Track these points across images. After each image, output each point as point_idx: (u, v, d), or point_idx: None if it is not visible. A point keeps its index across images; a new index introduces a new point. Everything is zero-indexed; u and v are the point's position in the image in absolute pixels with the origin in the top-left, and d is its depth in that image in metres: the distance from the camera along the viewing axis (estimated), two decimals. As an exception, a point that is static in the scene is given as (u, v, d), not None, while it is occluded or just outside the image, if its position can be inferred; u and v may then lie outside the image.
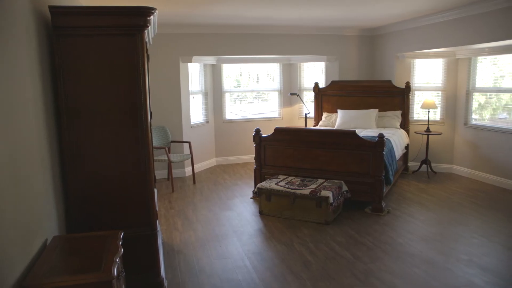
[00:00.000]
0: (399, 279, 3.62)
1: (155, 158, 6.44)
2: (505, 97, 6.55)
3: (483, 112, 6.98)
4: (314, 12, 6.10)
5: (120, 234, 2.51)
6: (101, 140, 2.94)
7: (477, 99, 6.98)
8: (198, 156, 7.66)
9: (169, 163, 6.49)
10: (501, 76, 6.59)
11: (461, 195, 6.05)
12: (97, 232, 2.64)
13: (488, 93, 6.81)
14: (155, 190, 3.94)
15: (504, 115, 6.65)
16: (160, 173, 7.14)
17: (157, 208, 3.57)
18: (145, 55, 2.99)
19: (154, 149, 6.18)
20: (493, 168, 6.62)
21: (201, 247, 4.35)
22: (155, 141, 6.72)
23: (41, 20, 2.69)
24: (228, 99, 8.43)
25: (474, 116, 7.05)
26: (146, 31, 2.94)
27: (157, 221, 3.39)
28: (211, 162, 8.25)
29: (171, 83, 7.13)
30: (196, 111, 7.84)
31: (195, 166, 7.24)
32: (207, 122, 8.10)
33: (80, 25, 2.79)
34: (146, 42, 3.07)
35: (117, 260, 2.18)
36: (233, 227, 4.94)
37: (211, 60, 7.90)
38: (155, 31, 4.11)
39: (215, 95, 8.22)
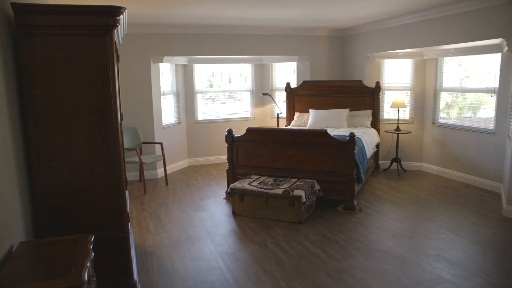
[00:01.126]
0: (371, 276, 3.68)
1: (127, 159, 6.35)
2: (470, 96, 6.75)
3: (450, 111, 7.18)
4: (286, 13, 6.14)
5: (91, 237, 2.46)
6: (69, 142, 2.87)
7: (444, 98, 7.17)
8: (170, 157, 7.59)
9: (141, 164, 6.41)
10: (466, 77, 6.79)
11: (429, 192, 6.20)
12: (67, 236, 2.57)
13: (454, 93, 7.01)
14: (127, 192, 3.88)
15: (470, 114, 6.86)
16: (132, 174, 7.04)
17: (128, 210, 3.51)
18: (115, 55, 2.94)
19: (125, 150, 6.12)
20: (459, 165, 6.82)
21: (174, 249, 4.32)
22: (126, 142, 6.62)
23: (4, 18, 2.60)
24: (200, 100, 8.39)
25: (441, 115, 7.23)
26: (115, 31, 2.89)
27: (129, 224, 3.34)
28: (184, 163, 8.19)
29: (142, 84, 7.04)
30: (167, 111, 7.76)
31: (167, 167, 7.17)
32: (179, 122, 8.04)
33: (46, 24, 2.71)
34: (115, 42, 3.02)
35: (88, 264, 2.14)
36: (206, 228, 4.92)
37: (182, 60, 7.84)
38: (125, 31, 4.05)
39: (187, 95, 8.16)
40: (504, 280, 3.57)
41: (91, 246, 2.36)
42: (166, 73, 7.70)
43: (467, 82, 6.77)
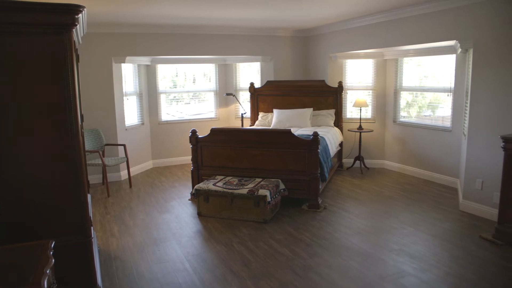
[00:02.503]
0: (336, 272, 3.75)
1: (89, 162, 6.20)
2: (429, 95, 6.99)
3: (411, 109, 7.40)
4: (249, 13, 6.16)
5: (51, 243, 2.39)
6: (27, 144, 2.78)
7: (405, 97, 7.38)
8: (134, 159, 7.47)
9: (104, 167, 6.28)
10: (425, 76, 7.02)
11: (391, 189, 6.36)
12: (25, 243, 2.48)
13: (414, 92, 7.23)
14: (89, 195, 3.80)
15: (429, 112, 7.09)
16: (94, 177, 6.89)
17: (91, 214, 3.44)
18: (74, 55, 2.87)
19: (87, 153, 5.98)
20: (419, 162, 7.04)
21: (139, 252, 4.26)
22: (88, 144, 6.47)
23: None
24: (163, 100, 8.30)
25: (402, 113, 7.45)
26: (74, 30, 2.82)
27: (92, 228, 3.26)
28: (148, 164, 8.08)
29: (103, 85, 6.89)
30: (130, 112, 7.64)
31: (131, 169, 7.06)
32: (143, 124, 7.92)
33: (1, 22, 2.60)
34: (74, 42, 2.95)
35: (48, 271, 2.08)
36: (172, 230, 4.88)
37: (145, 60, 7.73)
38: (85, 30, 3.96)
39: (150, 96, 8.06)
40: (460, 271, 3.72)
41: (51, 252, 2.29)
42: (128, 74, 7.57)
43: (426, 81, 7.00)
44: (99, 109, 6.88)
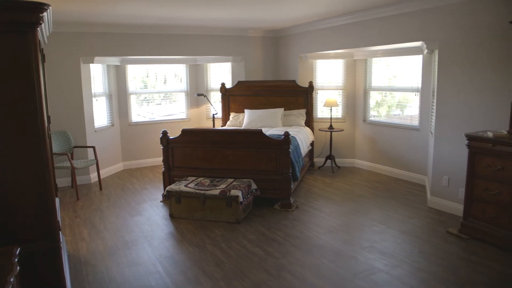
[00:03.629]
0: (308, 271, 3.78)
1: (57, 165, 6.07)
2: (398, 95, 7.14)
3: (380, 109, 7.54)
4: (219, 13, 6.14)
5: (16, 250, 2.32)
6: (-10, 148, 2.69)
7: (375, 97, 7.51)
8: (104, 161, 7.34)
9: (73, 169, 6.14)
10: (393, 76, 7.17)
11: (362, 187, 6.47)
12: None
13: (383, 92, 7.37)
14: (57, 199, 3.71)
15: (398, 111, 7.24)
16: (63, 180, 6.73)
17: (59, 218, 3.36)
18: (39, 55, 2.80)
19: (54, 155, 5.84)
20: (388, 161, 7.18)
21: (110, 256, 4.18)
22: (56, 147, 6.32)
23: None
24: (134, 101, 8.18)
25: (372, 113, 7.58)
26: (39, 29, 2.75)
27: (60, 233, 3.18)
28: (118, 166, 7.96)
29: (71, 85, 6.74)
30: (100, 114, 7.50)
31: (101, 171, 6.94)
32: (112, 125, 7.79)
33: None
34: (40, 41, 2.87)
35: (12, 280, 2.00)
36: (144, 232, 4.82)
37: (114, 61, 7.61)
38: (51, 29, 3.86)
39: (120, 97, 7.93)
40: (428, 265, 3.82)
41: (16, 259, 2.22)
42: (97, 74, 7.43)
43: (394, 81, 7.14)
44: (67, 110, 6.73)
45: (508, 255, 4.01)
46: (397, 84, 7.10)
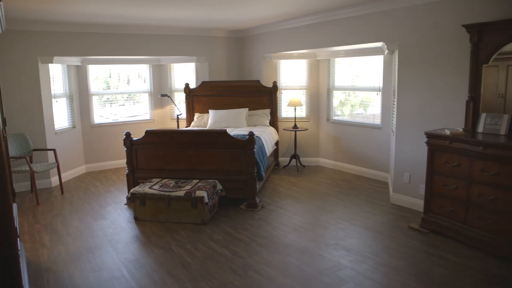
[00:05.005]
0: (275, 270, 3.81)
1: (15, 169, 5.87)
2: (360, 94, 7.29)
3: (344, 108, 7.67)
4: (183, 13, 6.10)
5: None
6: None
7: (338, 96, 7.64)
8: (66, 164, 7.15)
9: (32, 173, 5.95)
10: (356, 76, 7.31)
11: (326, 185, 6.56)
12: None
13: (346, 91, 7.50)
14: (15, 205, 3.58)
15: (361, 110, 7.39)
16: (22, 185, 6.52)
17: (17, 225, 3.25)
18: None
19: (11, 159, 5.64)
20: (352, 159, 7.32)
21: (73, 262, 4.08)
22: (13, 150, 6.11)
23: None
24: (96, 102, 8.00)
25: (336, 112, 7.70)
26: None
27: (18, 240, 3.08)
28: (81, 169, 7.76)
29: (29, 86, 6.52)
30: (60, 115, 7.29)
31: (62, 175, 6.75)
32: (74, 127, 7.60)
33: None
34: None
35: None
36: (108, 236, 4.72)
37: (75, 61, 7.41)
38: (3, 27, 3.72)
39: (81, 98, 7.74)
40: (391, 260, 3.92)
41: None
42: (57, 74, 7.22)
43: (357, 81, 7.29)
44: (25, 112, 6.51)
45: (464, 247, 4.17)
46: (360, 84, 7.25)
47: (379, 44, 6.06)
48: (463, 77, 4.59)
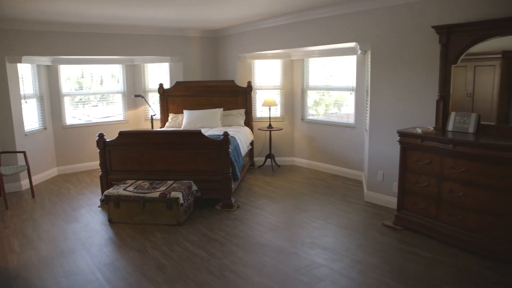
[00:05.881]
0: (251, 269, 3.81)
1: (-18, 172, 5.69)
2: (335, 94, 7.37)
3: (318, 108, 7.74)
4: (157, 13, 6.04)
5: None
6: None
7: (313, 96, 7.70)
8: (36, 167, 6.99)
9: (0, 176, 5.78)
10: (330, 76, 7.39)
11: (302, 185, 6.61)
12: None
13: (321, 91, 7.57)
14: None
15: (335, 110, 7.47)
16: (-11, 189, 6.33)
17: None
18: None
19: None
20: (327, 158, 7.39)
21: (45, 267, 3.98)
22: (-19, 153, 5.93)
23: None
24: (68, 103, 7.84)
25: (311, 111, 7.76)
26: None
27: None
28: (52, 172, 7.59)
29: (-4, 87, 6.35)
30: (30, 117, 7.11)
31: (33, 178, 6.60)
32: (45, 128, 7.42)
33: None
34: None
35: None
36: (81, 239, 4.63)
37: (45, 60, 7.24)
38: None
39: (52, 99, 7.57)
40: (366, 257, 3.98)
41: None
42: (26, 74, 7.04)
43: (331, 81, 7.36)
44: (-7, 114, 6.34)
45: (436, 243, 4.27)
46: (334, 83, 7.32)
47: (352, 45, 6.14)
48: (434, 77, 4.70)
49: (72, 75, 8.03)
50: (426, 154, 4.37)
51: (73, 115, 8.02)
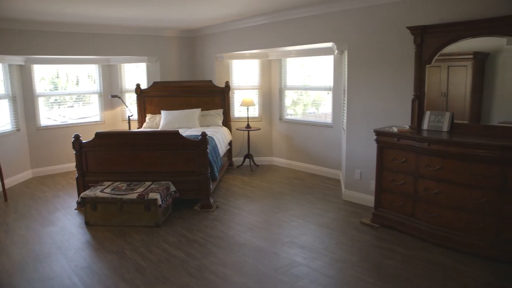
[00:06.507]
0: (231, 270, 3.81)
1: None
2: (312, 94, 7.42)
3: (296, 107, 7.78)
4: (133, 12, 5.98)
5: None
6: None
7: (291, 96, 7.74)
8: (10, 169, 6.82)
9: (-28, 180, 5.64)
10: (308, 76, 7.43)
11: (280, 184, 6.64)
12: None
13: (299, 91, 7.62)
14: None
15: (313, 110, 7.53)
16: (-39, 192, 6.16)
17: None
18: None
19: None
20: (305, 157, 7.44)
21: (19, 273, 3.88)
22: (-48, 156, 5.76)
23: None
24: (42, 104, 7.68)
25: (289, 111, 7.80)
26: None
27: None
28: (26, 174, 7.43)
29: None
30: (2, 118, 6.94)
31: (6, 181, 6.44)
32: (18, 130, 7.25)
33: None
34: None
35: None
36: (57, 243, 4.54)
37: (17, 60, 7.06)
38: None
39: (26, 99, 7.39)
40: (345, 255, 4.03)
41: None
42: (-3, 75, 6.88)
43: (309, 81, 7.41)
44: (-36, 116, 6.17)
45: (412, 239, 4.35)
46: (312, 83, 7.38)
47: (329, 45, 6.20)
48: (409, 76, 4.78)
49: (47, 75, 7.87)
50: (402, 153, 4.45)
51: (48, 116, 7.86)
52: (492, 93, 4.26)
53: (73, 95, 8.17)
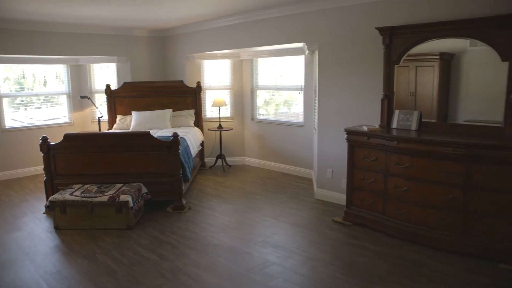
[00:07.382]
0: (204, 271, 3.79)
1: None
2: (284, 94, 7.46)
3: (269, 107, 7.81)
4: (101, 11, 5.88)
5: None
6: None
7: (263, 96, 7.76)
8: (-26, 173, 6.60)
9: None
10: (280, 76, 7.47)
11: (253, 184, 6.65)
12: None
13: (271, 91, 7.65)
14: None
15: (285, 109, 7.57)
16: None
17: None
18: None
19: None
20: (277, 157, 7.48)
21: (-17, 279, 3.77)
22: None
23: None
24: (7, 105, 7.46)
25: (261, 111, 7.82)
26: None
27: None
28: (-9, 178, 7.21)
29: None
30: (-34, 121, 6.71)
31: (-30, 185, 6.22)
32: (-18, 133, 7.03)
33: None
34: None
35: None
36: (24, 249, 4.41)
37: (-21, 60, 6.85)
38: None
39: (-11, 101, 7.17)
40: (317, 253, 4.07)
41: None
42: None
43: (281, 81, 7.45)
44: None
45: (383, 236, 4.43)
46: (283, 83, 7.42)
47: (300, 45, 6.24)
48: (378, 76, 4.86)
49: (12, 75, 7.64)
50: (372, 151, 4.53)
51: (14, 117, 7.63)
52: (458, 93, 4.39)
53: (41, 96, 7.97)
